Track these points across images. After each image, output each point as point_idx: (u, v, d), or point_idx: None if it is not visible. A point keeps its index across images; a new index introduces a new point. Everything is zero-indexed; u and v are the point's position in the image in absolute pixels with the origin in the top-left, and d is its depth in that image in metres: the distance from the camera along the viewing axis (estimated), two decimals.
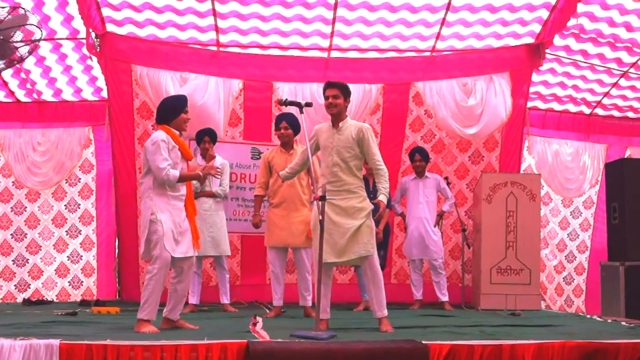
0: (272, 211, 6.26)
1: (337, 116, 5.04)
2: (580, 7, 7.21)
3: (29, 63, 7.55)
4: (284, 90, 7.91)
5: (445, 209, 7.45)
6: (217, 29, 7.58)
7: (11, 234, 8.10)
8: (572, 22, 7.37)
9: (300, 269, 6.25)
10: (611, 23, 7.58)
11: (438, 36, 7.83)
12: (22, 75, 7.77)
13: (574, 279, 9.18)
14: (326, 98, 5.07)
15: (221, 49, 7.90)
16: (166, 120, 4.88)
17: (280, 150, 6.30)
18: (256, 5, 7.26)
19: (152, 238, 4.68)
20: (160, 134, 4.78)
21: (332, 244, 4.85)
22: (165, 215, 4.70)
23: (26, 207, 8.16)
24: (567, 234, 9.20)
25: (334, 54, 8.05)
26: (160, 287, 4.67)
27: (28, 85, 7.94)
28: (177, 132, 4.90)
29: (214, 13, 7.32)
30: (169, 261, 4.68)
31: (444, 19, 7.53)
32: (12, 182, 8.16)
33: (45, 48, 7.45)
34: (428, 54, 8.13)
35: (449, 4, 7.32)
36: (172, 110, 4.89)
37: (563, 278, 9.12)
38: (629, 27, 7.61)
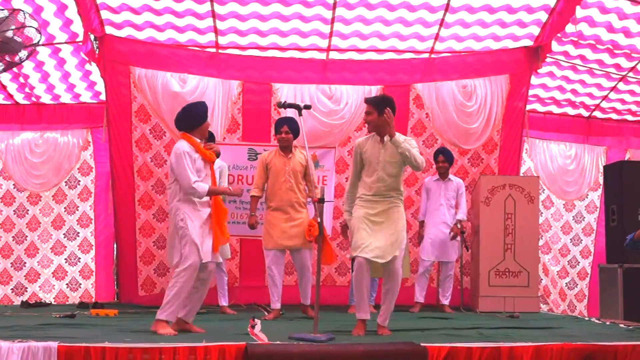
0: (270, 214, 6.27)
1: (377, 132, 4.93)
2: (579, 12, 7.19)
3: (28, 68, 7.54)
4: (283, 92, 7.91)
5: (460, 217, 7.37)
6: (216, 31, 7.58)
7: (12, 237, 8.09)
8: (571, 29, 7.37)
9: (301, 268, 6.28)
10: (610, 28, 7.56)
11: (437, 37, 7.82)
12: (21, 79, 7.76)
13: (577, 284, 9.15)
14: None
15: (220, 50, 7.90)
16: (189, 127, 4.89)
17: (279, 153, 6.31)
18: (255, 5, 7.25)
19: (181, 243, 4.73)
20: (183, 145, 4.80)
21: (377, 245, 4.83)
22: (194, 222, 4.75)
23: (28, 210, 8.15)
24: (570, 239, 9.16)
25: (333, 54, 8.05)
26: (185, 290, 4.71)
27: (27, 90, 7.93)
28: (199, 140, 4.92)
29: (213, 14, 7.31)
30: (198, 266, 4.71)
31: (442, 19, 7.52)
32: (13, 184, 8.15)
33: (43, 53, 7.43)
34: (427, 55, 8.12)
35: (448, 4, 7.32)
36: (197, 118, 4.91)
37: (566, 283, 9.09)
38: (627, 33, 7.59)
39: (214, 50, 7.89)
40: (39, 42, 6.25)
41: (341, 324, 5.62)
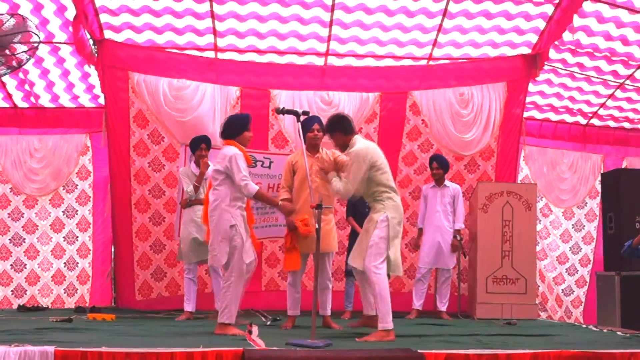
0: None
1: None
2: (577, 21, 7.22)
3: (27, 64, 7.50)
4: (281, 98, 7.91)
5: (458, 227, 7.40)
6: (215, 32, 7.57)
7: (9, 239, 8.08)
8: (569, 37, 7.40)
9: (322, 276, 5.77)
10: (607, 37, 7.59)
11: (435, 43, 7.84)
12: (21, 75, 7.72)
13: (574, 291, 9.11)
14: None
15: (219, 53, 7.90)
16: (232, 135, 5.24)
17: (307, 153, 6.04)
18: (254, 5, 7.26)
19: (230, 245, 5.02)
20: (234, 149, 5.14)
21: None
22: (241, 226, 5.07)
23: (24, 214, 8.14)
24: (570, 247, 9.13)
25: (331, 59, 8.06)
26: (239, 292, 5.05)
27: (26, 87, 7.90)
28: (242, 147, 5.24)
29: (212, 15, 7.31)
30: (244, 269, 5.05)
31: (440, 25, 7.54)
32: (10, 188, 8.14)
33: (43, 50, 7.42)
34: (424, 61, 8.14)
35: (446, 9, 7.34)
36: (238, 127, 5.26)
37: (562, 290, 9.06)
38: (625, 41, 7.62)
39: (212, 52, 7.88)
40: (38, 41, 6.27)
41: (338, 330, 5.62)
